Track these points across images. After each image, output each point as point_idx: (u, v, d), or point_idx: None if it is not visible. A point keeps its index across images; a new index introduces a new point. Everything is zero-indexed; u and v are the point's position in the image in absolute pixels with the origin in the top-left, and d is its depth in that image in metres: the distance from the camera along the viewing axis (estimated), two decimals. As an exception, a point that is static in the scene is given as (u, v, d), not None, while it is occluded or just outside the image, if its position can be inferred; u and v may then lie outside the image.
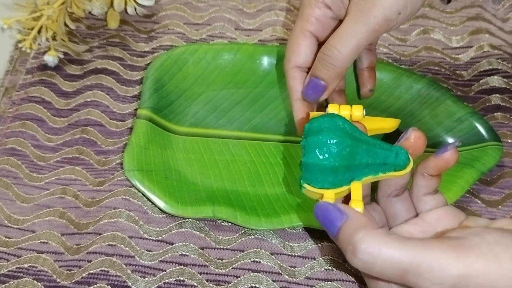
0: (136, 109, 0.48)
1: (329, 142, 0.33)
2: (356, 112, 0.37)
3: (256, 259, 0.40)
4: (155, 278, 0.39)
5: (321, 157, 0.33)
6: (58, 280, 0.38)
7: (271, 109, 0.48)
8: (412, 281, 0.29)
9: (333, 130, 0.33)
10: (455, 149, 0.34)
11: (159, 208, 0.41)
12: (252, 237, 0.41)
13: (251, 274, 0.39)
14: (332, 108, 0.37)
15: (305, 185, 0.34)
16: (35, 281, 0.38)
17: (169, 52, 0.49)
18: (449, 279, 0.29)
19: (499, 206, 0.43)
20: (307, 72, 0.41)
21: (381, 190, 0.37)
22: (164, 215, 0.42)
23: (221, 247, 0.40)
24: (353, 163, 0.34)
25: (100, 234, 0.40)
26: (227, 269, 0.39)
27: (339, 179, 0.34)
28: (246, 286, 0.38)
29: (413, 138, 0.35)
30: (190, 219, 0.41)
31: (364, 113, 0.37)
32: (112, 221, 0.41)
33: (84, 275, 0.38)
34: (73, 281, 0.38)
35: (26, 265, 0.39)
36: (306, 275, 0.39)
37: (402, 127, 0.46)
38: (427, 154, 0.37)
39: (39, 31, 0.50)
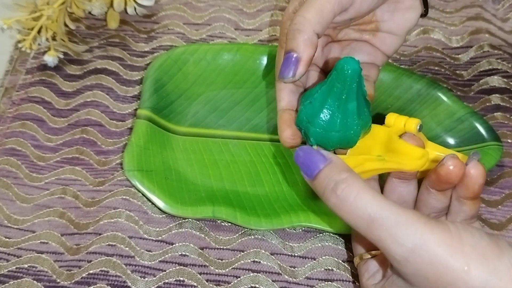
0: (136, 109, 0.48)
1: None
2: (410, 124, 0.37)
3: (256, 259, 0.40)
4: (155, 278, 0.39)
5: None
6: (58, 280, 0.38)
7: (271, 109, 0.48)
8: (376, 233, 0.30)
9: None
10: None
11: (159, 208, 0.41)
12: (252, 237, 0.41)
13: (251, 274, 0.39)
14: (389, 118, 0.38)
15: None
16: (35, 281, 0.38)
17: (169, 52, 0.49)
18: (410, 239, 0.29)
19: (499, 206, 0.43)
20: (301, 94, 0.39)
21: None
22: (164, 215, 0.42)
23: (221, 247, 0.40)
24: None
25: (100, 234, 0.40)
26: (227, 269, 0.39)
27: None
28: (246, 286, 0.38)
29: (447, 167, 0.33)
30: (190, 219, 0.41)
31: (418, 128, 0.37)
32: (112, 221, 0.41)
33: (84, 275, 0.38)
34: (73, 281, 0.38)
35: (26, 265, 0.39)
36: (306, 275, 0.39)
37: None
38: None
39: (39, 31, 0.50)
